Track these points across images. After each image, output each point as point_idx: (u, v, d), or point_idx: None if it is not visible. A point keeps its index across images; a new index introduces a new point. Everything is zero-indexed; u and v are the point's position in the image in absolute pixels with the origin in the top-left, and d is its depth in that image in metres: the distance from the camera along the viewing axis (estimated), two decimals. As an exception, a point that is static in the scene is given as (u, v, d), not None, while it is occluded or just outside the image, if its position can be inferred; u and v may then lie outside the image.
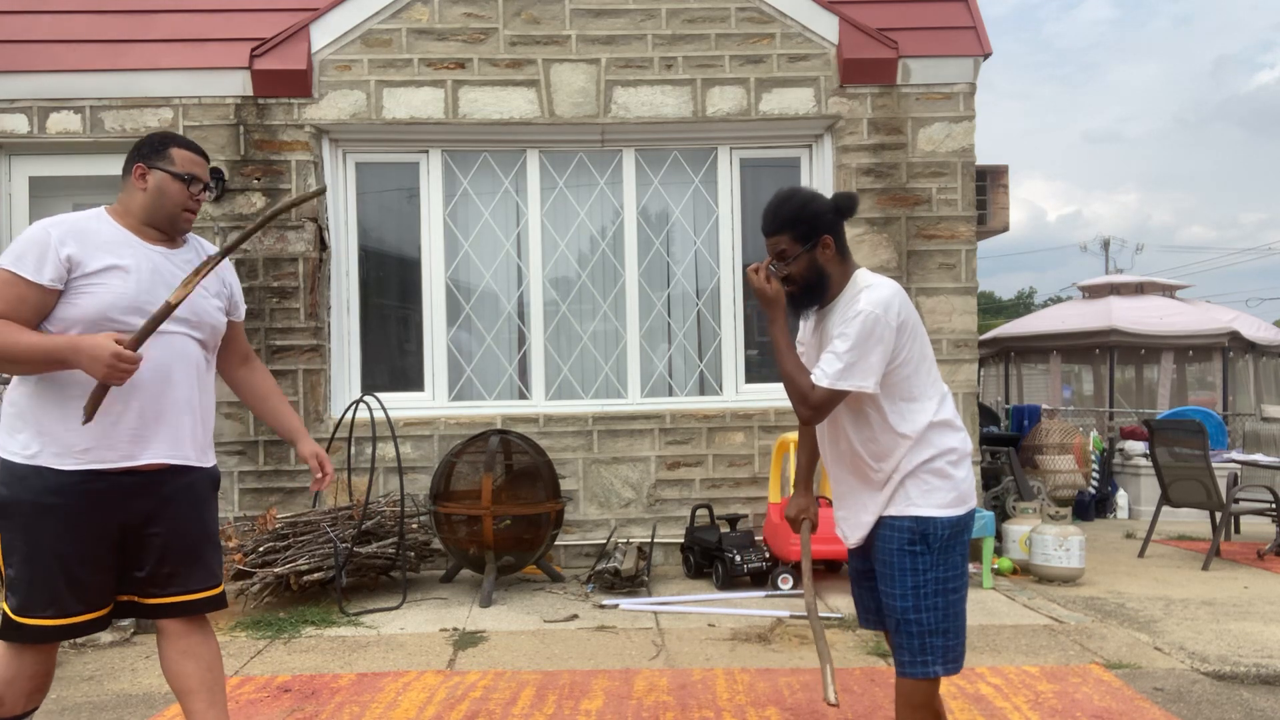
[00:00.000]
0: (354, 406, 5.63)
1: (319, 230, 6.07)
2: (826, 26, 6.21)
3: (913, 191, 6.24)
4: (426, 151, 6.36)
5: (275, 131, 6.08)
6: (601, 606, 5.07)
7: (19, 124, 5.99)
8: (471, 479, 5.46)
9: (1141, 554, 6.64)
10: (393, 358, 6.44)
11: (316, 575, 4.98)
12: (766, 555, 5.46)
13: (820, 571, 5.71)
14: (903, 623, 2.52)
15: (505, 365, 6.44)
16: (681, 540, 6.06)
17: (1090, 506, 8.71)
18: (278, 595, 5.07)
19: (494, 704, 3.59)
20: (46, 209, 5.89)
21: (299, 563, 4.93)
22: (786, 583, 5.36)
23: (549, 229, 6.45)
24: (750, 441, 6.23)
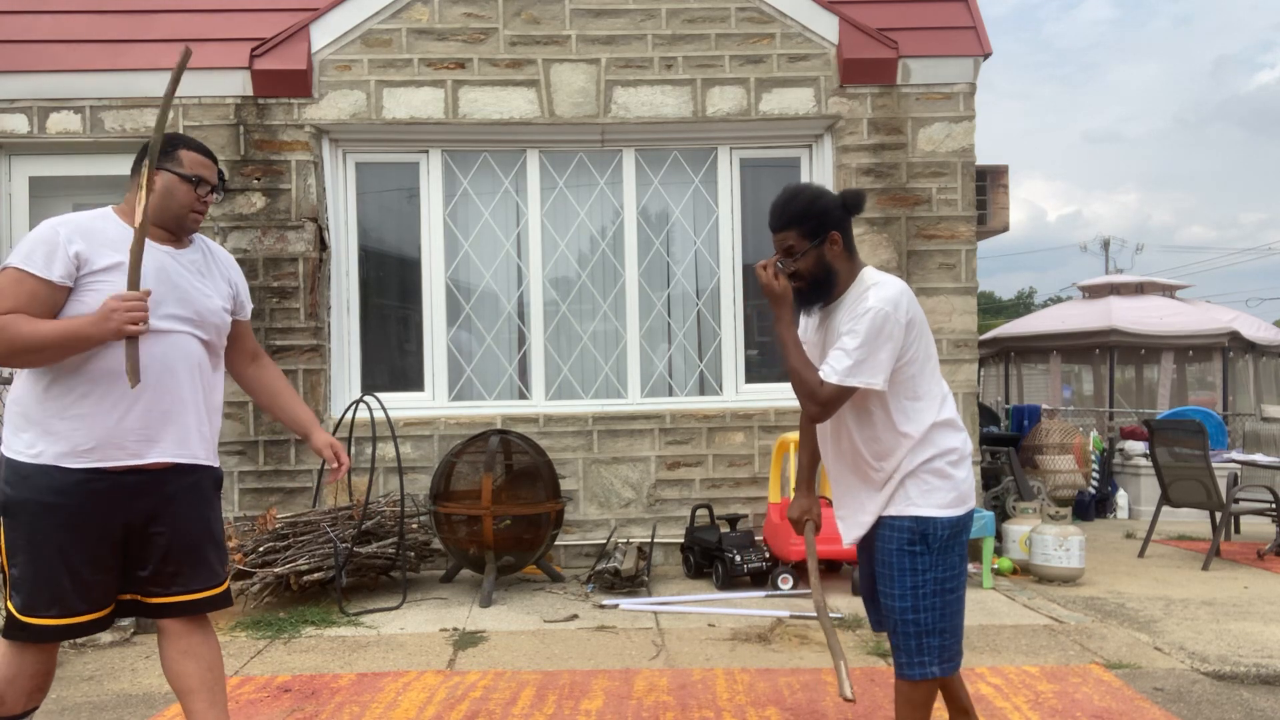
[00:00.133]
0: (354, 406, 5.64)
1: (319, 230, 6.07)
2: (826, 26, 6.21)
3: (913, 191, 6.24)
4: (426, 151, 6.36)
5: (275, 131, 6.09)
6: (601, 606, 5.07)
7: (19, 124, 5.99)
8: (471, 479, 5.46)
9: (1141, 554, 6.64)
10: (393, 358, 6.44)
11: (316, 575, 4.98)
12: (766, 555, 5.46)
13: (820, 571, 5.69)
14: (900, 623, 2.53)
15: (505, 365, 6.45)
16: (681, 540, 6.06)
17: (1090, 506, 8.71)
18: (278, 595, 5.08)
19: (494, 704, 3.59)
20: (46, 209, 5.89)
21: (299, 563, 4.93)
22: (786, 583, 5.36)
23: (549, 229, 6.45)
24: (750, 441, 6.23)
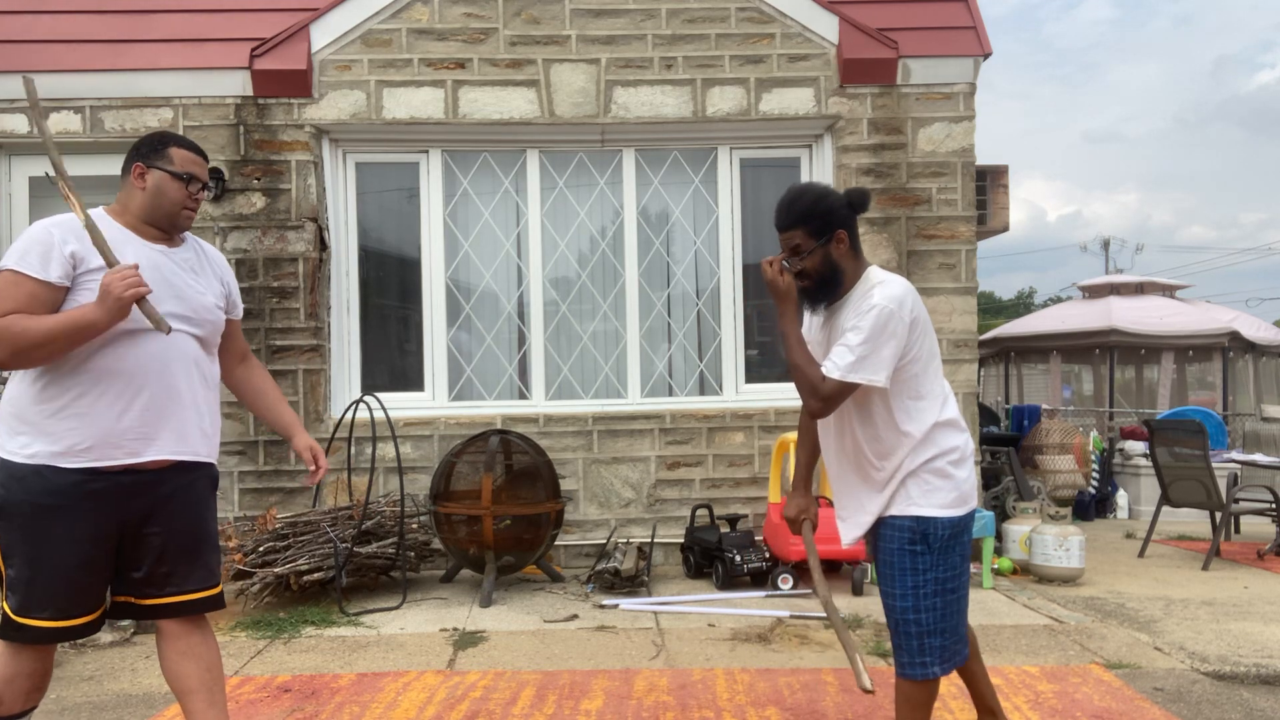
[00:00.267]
0: (354, 406, 5.64)
1: (319, 230, 6.07)
2: (826, 26, 6.21)
3: (913, 191, 6.24)
4: (426, 151, 6.36)
5: (275, 131, 6.09)
6: (601, 606, 5.07)
7: (19, 124, 5.99)
8: (471, 479, 5.46)
9: (1141, 554, 6.64)
10: (393, 358, 6.44)
11: (316, 575, 4.98)
12: (766, 555, 5.46)
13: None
14: (902, 623, 2.53)
15: (505, 365, 6.45)
16: (681, 540, 6.06)
17: (1090, 506, 8.71)
18: (278, 595, 5.07)
19: (494, 704, 3.59)
20: (46, 209, 5.89)
21: (299, 563, 4.93)
22: (786, 583, 5.36)
23: (549, 229, 6.45)
24: (750, 441, 6.23)
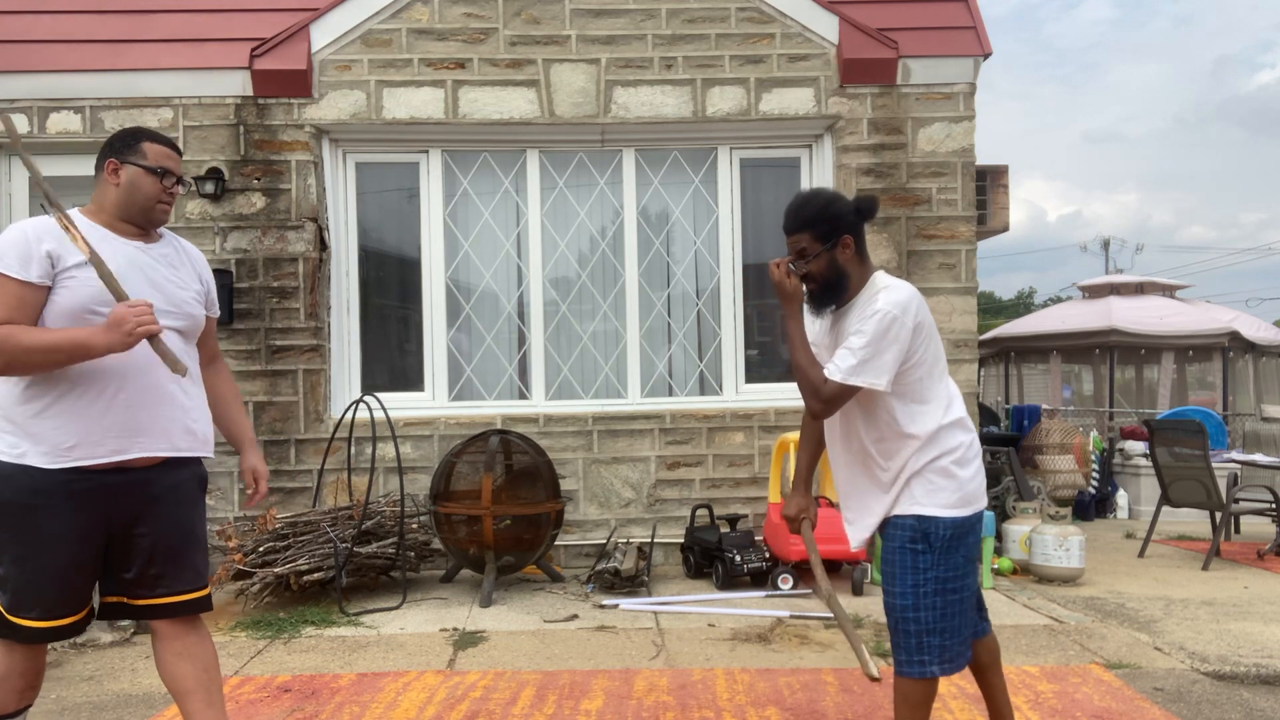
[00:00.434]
0: (354, 406, 5.64)
1: (319, 230, 6.07)
2: (826, 26, 6.21)
3: (913, 191, 6.24)
4: (426, 151, 6.36)
5: (275, 131, 6.09)
6: (601, 606, 5.07)
7: (19, 124, 5.99)
8: (471, 479, 5.46)
9: (1141, 554, 6.64)
10: (393, 358, 6.44)
11: (316, 575, 4.98)
12: (766, 555, 5.46)
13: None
14: (901, 621, 2.54)
15: (505, 365, 6.45)
16: (681, 540, 6.06)
17: (1090, 506, 8.71)
18: (278, 595, 5.07)
19: (494, 704, 3.59)
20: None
21: (299, 563, 4.93)
22: (786, 583, 5.36)
23: (549, 229, 6.45)
24: (750, 441, 6.23)
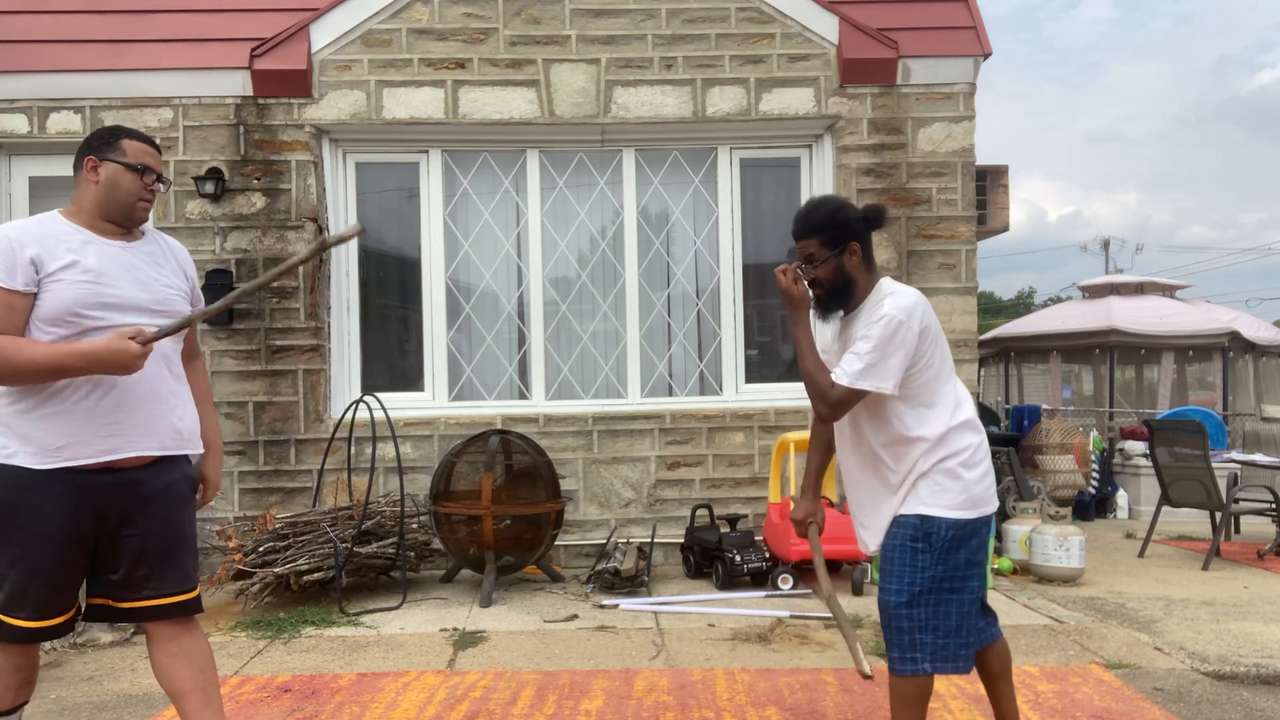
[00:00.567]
0: (354, 406, 5.64)
1: (319, 230, 6.07)
2: (826, 26, 6.21)
3: (913, 191, 6.24)
4: (426, 151, 6.36)
5: (275, 131, 6.09)
6: (601, 606, 5.07)
7: (19, 124, 5.99)
8: (471, 479, 5.46)
9: (1141, 554, 6.64)
10: (393, 358, 6.44)
11: (316, 575, 4.98)
12: (766, 555, 5.46)
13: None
14: (894, 618, 2.56)
15: (505, 365, 6.45)
16: (681, 540, 6.06)
17: (1090, 506, 8.71)
18: (278, 595, 5.07)
19: (494, 704, 3.59)
20: (46, 209, 5.87)
21: (299, 563, 4.93)
22: (786, 583, 5.36)
23: (549, 229, 6.45)
24: (750, 441, 6.23)
